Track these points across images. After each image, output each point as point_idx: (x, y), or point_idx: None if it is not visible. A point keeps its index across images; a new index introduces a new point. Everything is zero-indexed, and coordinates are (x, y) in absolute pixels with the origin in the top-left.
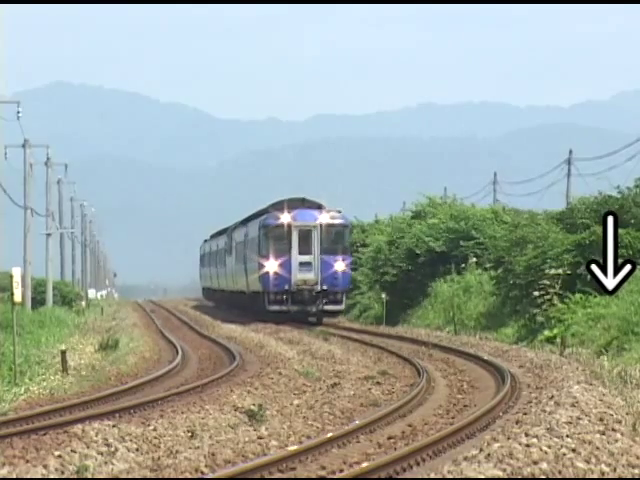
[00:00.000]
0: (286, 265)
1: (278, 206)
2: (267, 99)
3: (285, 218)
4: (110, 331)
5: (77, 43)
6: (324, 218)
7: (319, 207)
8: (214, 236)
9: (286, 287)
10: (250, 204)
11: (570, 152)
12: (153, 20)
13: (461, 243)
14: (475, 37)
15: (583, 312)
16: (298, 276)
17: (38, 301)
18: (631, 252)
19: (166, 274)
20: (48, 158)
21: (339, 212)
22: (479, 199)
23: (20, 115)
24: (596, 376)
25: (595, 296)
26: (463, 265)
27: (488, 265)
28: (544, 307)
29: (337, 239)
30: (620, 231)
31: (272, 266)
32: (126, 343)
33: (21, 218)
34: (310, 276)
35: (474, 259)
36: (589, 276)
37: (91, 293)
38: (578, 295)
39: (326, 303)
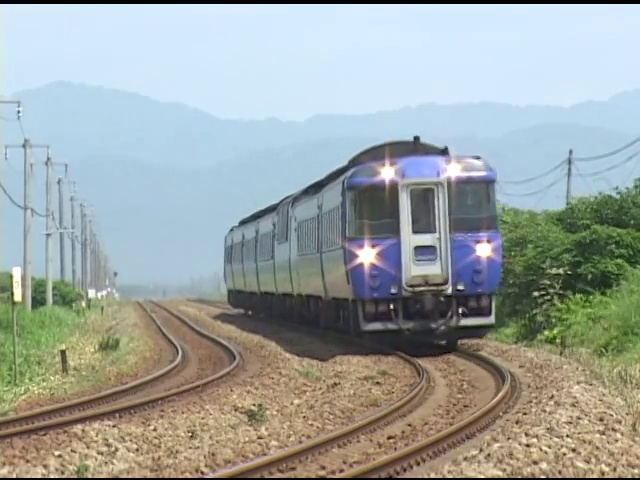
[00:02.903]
0: (391, 253)
1: (374, 154)
2: (267, 99)
3: (387, 173)
4: (110, 331)
5: (77, 43)
6: (454, 169)
7: (443, 152)
8: (248, 221)
9: (393, 290)
10: (250, 204)
11: (570, 152)
12: (153, 20)
13: None
14: (475, 37)
15: (583, 312)
16: (413, 271)
17: (38, 301)
18: (631, 252)
19: (166, 274)
20: (48, 158)
21: (477, 159)
22: None
23: (20, 115)
24: (596, 376)
25: (595, 296)
26: None
27: None
28: (544, 307)
29: (478, 205)
30: (620, 231)
31: (367, 256)
32: (126, 343)
33: (21, 218)
34: (434, 270)
35: None
36: (589, 276)
37: (91, 293)
38: (578, 295)
39: (464, 315)
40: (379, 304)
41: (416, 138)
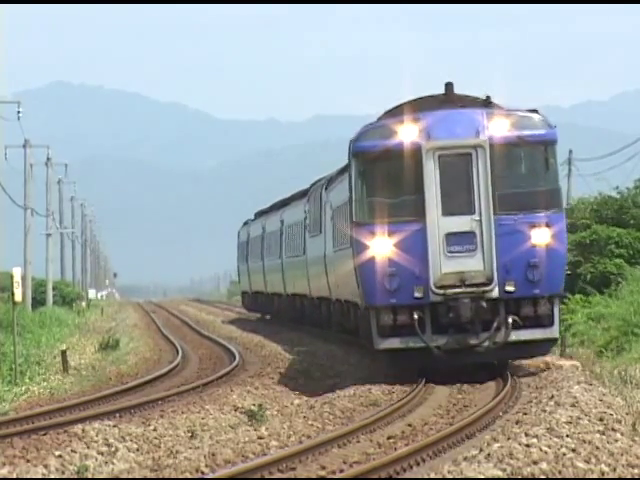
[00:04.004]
0: (414, 243)
1: (395, 112)
2: (267, 99)
3: (407, 133)
4: (110, 331)
5: (77, 43)
6: (500, 127)
7: (485, 104)
8: (269, 211)
9: (417, 294)
10: (250, 204)
11: (570, 152)
12: (153, 20)
13: None
14: (475, 37)
15: (583, 312)
16: (445, 267)
17: (38, 301)
18: (631, 252)
19: (166, 275)
20: (48, 158)
21: (534, 113)
22: None
23: (20, 115)
24: (596, 376)
25: (595, 296)
26: None
27: None
28: None
29: (534, 175)
30: (620, 231)
31: (380, 247)
32: (126, 343)
33: (21, 218)
34: (473, 265)
35: None
36: (589, 276)
37: (91, 293)
38: (578, 295)
39: (516, 326)
40: (398, 313)
41: (448, 85)
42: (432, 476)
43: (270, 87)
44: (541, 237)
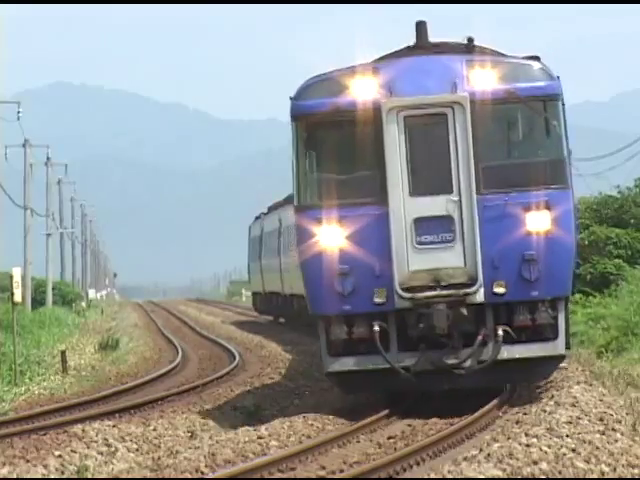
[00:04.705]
0: (373, 232)
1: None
2: (267, 99)
3: (362, 87)
4: (110, 331)
5: (77, 43)
6: (485, 78)
7: (466, 49)
8: (284, 204)
9: (377, 300)
10: (250, 204)
11: (570, 152)
12: (153, 20)
13: None
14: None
15: (583, 312)
16: (414, 262)
17: (38, 301)
18: (630, 252)
19: (165, 275)
20: (48, 158)
21: (533, 60)
22: None
23: (20, 115)
24: (596, 376)
25: (595, 296)
26: None
27: None
28: None
29: (530, 141)
30: (619, 231)
31: (329, 238)
32: (126, 343)
33: (21, 218)
34: (450, 259)
35: None
36: (588, 276)
37: (91, 293)
38: (578, 295)
39: (508, 339)
40: (354, 324)
41: (420, 25)
42: (432, 476)
43: (270, 87)
44: (540, 222)
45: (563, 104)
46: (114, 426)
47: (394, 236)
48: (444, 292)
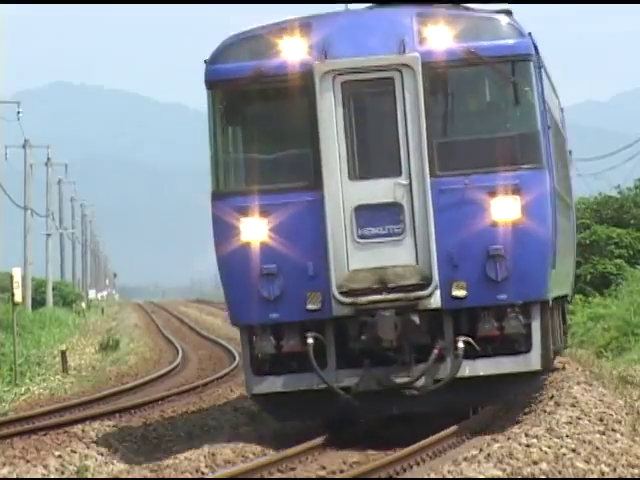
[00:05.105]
0: (304, 224)
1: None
2: None
3: (291, 47)
4: (110, 331)
5: (77, 43)
6: (438, 35)
7: (419, 1)
8: None
9: (311, 306)
10: None
11: (570, 152)
12: (154, 20)
13: None
14: None
15: (583, 312)
16: (354, 260)
17: (38, 302)
18: (631, 252)
19: (165, 275)
20: (48, 158)
21: (502, 14)
22: None
23: (20, 115)
24: (596, 376)
25: (595, 296)
26: None
27: None
28: None
29: (495, 111)
30: (620, 231)
31: (251, 230)
32: (126, 343)
33: (21, 218)
34: (398, 256)
35: None
36: (588, 276)
37: (91, 294)
38: (578, 295)
39: (470, 353)
40: (283, 336)
41: None
42: (432, 476)
43: None
44: (508, 210)
45: (539, 67)
46: (114, 426)
47: (331, 228)
48: (391, 296)
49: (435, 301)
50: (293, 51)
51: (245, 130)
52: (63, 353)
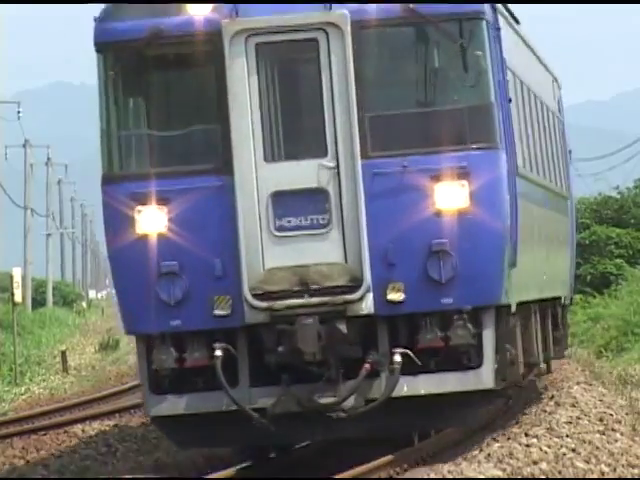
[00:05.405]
0: (211, 214)
1: None
2: None
3: (196, 5)
4: (110, 331)
5: (77, 43)
6: None
7: None
8: None
9: (219, 311)
10: None
11: (570, 152)
12: None
13: None
14: None
15: (583, 312)
16: (270, 257)
17: (38, 302)
18: (631, 252)
19: None
20: (48, 158)
21: None
22: None
23: (20, 115)
24: (596, 376)
25: (595, 296)
26: None
27: None
28: None
29: (439, 79)
30: (619, 231)
31: (146, 221)
32: (126, 343)
33: (21, 218)
34: (324, 252)
35: None
36: (588, 277)
37: (91, 294)
38: (578, 296)
39: (409, 368)
40: (187, 347)
41: None
42: (432, 476)
43: None
44: (454, 197)
45: (496, 28)
46: (114, 426)
47: (243, 219)
48: (314, 300)
49: (367, 306)
50: (198, 7)
51: (142, 101)
52: (63, 353)
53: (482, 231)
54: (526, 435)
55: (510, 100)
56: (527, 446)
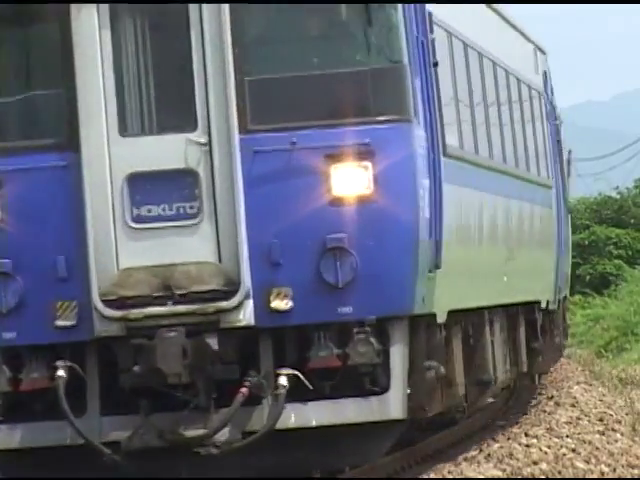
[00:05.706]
0: (54, 199)
1: None
2: None
3: None
4: None
5: None
6: None
7: None
8: None
9: (62, 322)
10: None
11: (569, 152)
12: None
13: None
14: None
15: (582, 313)
16: (126, 255)
17: None
18: (630, 252)
19: None
20: None
21: None
22: None
23: None
24: (596, 376)
25: (594, 297)
26: None
27: None
28: None
29: (336, 35)
30: (619, 231)
31: None
32: None
33: None
34: (192, 249)
35: None
36: (587, 277)
37: None
38: (577, 296)
39: (298, 392)
40: (23, 366)
41: None
42: (432, 476)
43: None
44: (354, 182)
45: None
46: None
47: (91, 207)
48: (180, 308)
49: (245, 316)
50: None
51: None
52: None
53: (389, 224)
54: (526, 435)
55: (436, 64)
56: (527, 446)
